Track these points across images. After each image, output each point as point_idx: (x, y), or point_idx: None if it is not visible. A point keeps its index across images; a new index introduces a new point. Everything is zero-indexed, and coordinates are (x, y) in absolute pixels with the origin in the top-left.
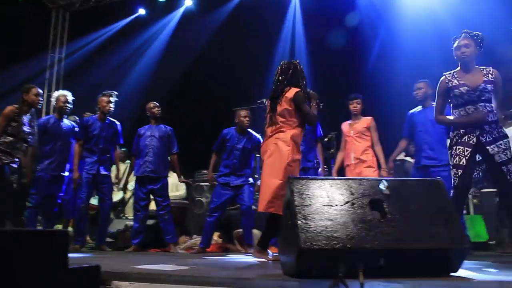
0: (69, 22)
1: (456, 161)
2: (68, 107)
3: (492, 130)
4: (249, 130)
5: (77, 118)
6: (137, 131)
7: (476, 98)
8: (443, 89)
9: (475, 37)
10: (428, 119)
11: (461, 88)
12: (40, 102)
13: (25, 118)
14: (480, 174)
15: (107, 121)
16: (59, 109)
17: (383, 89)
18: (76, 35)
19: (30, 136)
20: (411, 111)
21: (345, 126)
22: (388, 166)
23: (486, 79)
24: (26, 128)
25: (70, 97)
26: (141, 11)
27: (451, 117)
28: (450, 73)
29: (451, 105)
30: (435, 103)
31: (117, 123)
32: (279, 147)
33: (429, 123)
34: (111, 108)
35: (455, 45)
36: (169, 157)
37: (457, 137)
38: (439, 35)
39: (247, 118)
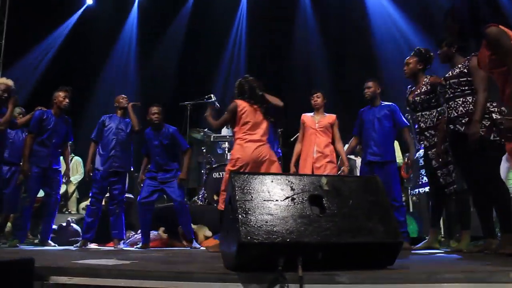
0: (9, 6)
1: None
2: (5, 96)
3: (433, 135)
4: (166, 124)
5: (23, 109)
6: (102, 118)
7: (412, 110)
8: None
9: (418, 54)
10: (375, 116)
11: (407, 100)
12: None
13: None
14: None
15: (62, 117)
16: None
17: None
18: (17, 21)
19: None
20: (361, 109)
21: (307, 118)
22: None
23: (418, 92)
24: None
25: (11, 85)
26: (89, 1)
27: None
28: (410, 86)
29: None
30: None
31: (70, 119)
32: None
33: (376, 121)
34: (67, 103)
35: None
36: None
37: None
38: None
39: (155, 115)
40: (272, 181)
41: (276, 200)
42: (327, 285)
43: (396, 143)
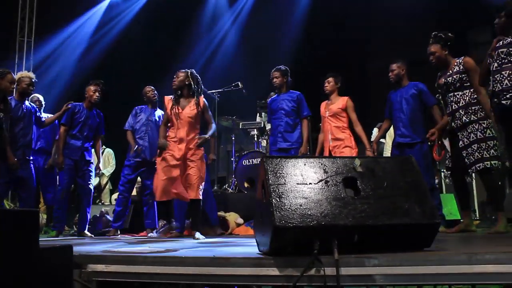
0: (38, 3)
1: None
2: (31, 89)
3: (461, 116)
4: None
5: (39, 96)
6: (134, 109)
7: (445, 92)
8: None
9: (440, 40)
10: (403, 97)
11: (436, 84)
12: (12, 89)
13: None
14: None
15: (93, 110)
16: (21, 91)
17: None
18: (45, 18)
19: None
20: (390, 91)
21: (322, 106)
22: (373, 147)
23: (450, 72)
24: None
25: (32, 77)
26: None
27: None
28: (439, 73)
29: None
30: None
31: (102, 113)
32: None
33: (404, 102)
34: (97, 97)
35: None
36: None
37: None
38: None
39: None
40: (305, 164)
41: (310, 183)
42: (363, 268)
43: None
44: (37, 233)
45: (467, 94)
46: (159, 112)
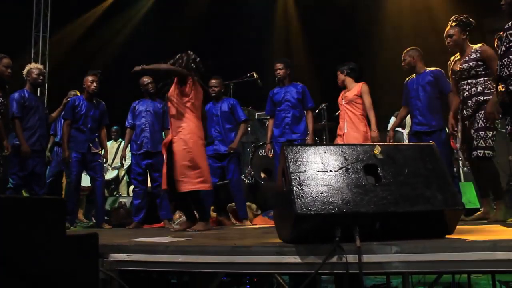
0: None
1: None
2: (41, 79)
3: (472, 105)
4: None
5: (78, 93)
6: (131, 105)
7: (459, 78)
8: (449, 70)
9: (460, 23)
10: (419, 84)
11: (451, 70)
12: (9, 73)
13: None
14: None
15: (93, 101)
16: (32, 82)
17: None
18: (60, 12)
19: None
20: (407, 79)
21: (340, 96)
22: (389, 134)
23: (466, 59)
24: None
25: (41, 68)
26: None
27: None
28: (454, 56)
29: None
30: None
31: (103, 103)
32: None
33: (420, 89)
34: (95, 88)
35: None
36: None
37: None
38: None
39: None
40: (325, 152)
41: (330, 171)
42: (386, 255)
43: None
44: (64, 220)
45: (480, 82)
46: (158, 103)
